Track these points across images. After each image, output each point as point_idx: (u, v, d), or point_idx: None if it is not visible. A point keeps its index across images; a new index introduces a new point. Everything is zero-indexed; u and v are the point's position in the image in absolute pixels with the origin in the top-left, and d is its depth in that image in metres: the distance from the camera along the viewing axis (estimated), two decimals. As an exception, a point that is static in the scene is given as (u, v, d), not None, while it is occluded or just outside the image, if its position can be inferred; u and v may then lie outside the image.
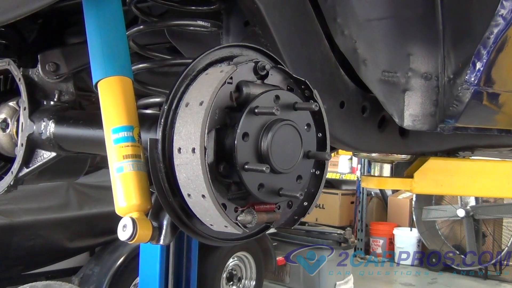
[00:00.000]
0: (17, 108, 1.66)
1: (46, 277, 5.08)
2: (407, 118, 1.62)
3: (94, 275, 4.64)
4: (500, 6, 1.44)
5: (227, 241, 1.13)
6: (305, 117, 1.09)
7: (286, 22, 1.34)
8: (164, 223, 1.10)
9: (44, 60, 1.64)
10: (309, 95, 1.11)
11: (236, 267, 5.59)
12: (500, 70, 1.58)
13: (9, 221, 4.61)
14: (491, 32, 1.47)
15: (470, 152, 2.66)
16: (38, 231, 4.79)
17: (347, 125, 1.61)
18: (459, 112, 1.56)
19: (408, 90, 1.60)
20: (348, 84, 1.59)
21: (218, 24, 1.45)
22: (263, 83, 1.06)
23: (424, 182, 2.36)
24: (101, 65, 1.21)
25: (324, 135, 1.14)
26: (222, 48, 1.08)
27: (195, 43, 1.67)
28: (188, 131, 0.95)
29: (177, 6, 1.47)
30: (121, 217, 1.08)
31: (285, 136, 1.01)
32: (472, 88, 1.52)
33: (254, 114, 0.98)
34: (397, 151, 2.25)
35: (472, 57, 1.50)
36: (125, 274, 4.63)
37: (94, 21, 1.24)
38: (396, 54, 1.58)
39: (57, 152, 1.57)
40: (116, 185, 1.10)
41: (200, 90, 0.98)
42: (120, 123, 1.14)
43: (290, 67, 1.33)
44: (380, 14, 1.51)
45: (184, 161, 0.95)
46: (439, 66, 1.56)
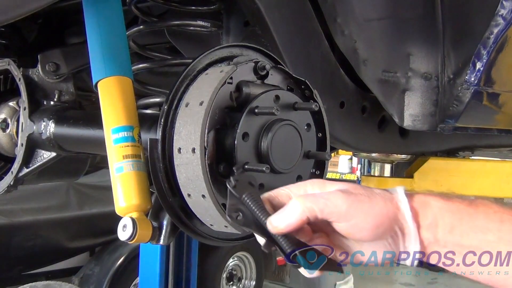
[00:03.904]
0: (17, 108, 1.66)
1: (46, 277, 5.09)
2: (407, 118, 1.62)
3: (94, 275, 4.64)
4: (500, 6, 1.44)
5: (227, 241, 1.13)
6: (305, 117, 1.09)
7: (286, 22, 1.34)
8: (164, 223, 1.10)
9: (44, 60, 1.64)
10: (309, 95, 1.11)
11: (236, 267, 5.59)
12: (500, 70, 1.58)
13: (9, 221, 4.62)
14: (491, 32, 1.47)
15: (470, 152, 2.67)
16: (38, 231, 4.79)
17: (347, 125, 1.61)
18: (459, 112, 1.56)
19: (408, 90, 1.60)
20: (348, 84, 1.59)
21: (218, 24, 1.45)
22: (263, 83, 1.06)
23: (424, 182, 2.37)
24: (101, 65, 1.21)
25: (324, 135, 1.14)
26: (222, 48, 1.08)
27: (195, 43, 1.67)
28: (188, 131, 0.95)
29: (177, 6, 1.47)
30: (121, 217, 1.08)
31: (285, 136, 1.01)
32: (472, 88, 1.52)
33: (254, 114, 0.98)
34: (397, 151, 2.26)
35: (472, 57, 1.50)
36: (125, 274, 4.63)
37: (94, 21, 1.24)
38: (396, 54, 1.58)
39: (57, 152, 1.57)
40: (116, 185, 1.10)
41: (200, 90, 0.98)
42: (120, 123, 1.14)
43: (290, 67, 1.33)
44: (380, 14, 1.51)
45: (184, 161, 0.95)
46: (439, 66, 1.56)
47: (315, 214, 0.75)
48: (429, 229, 0.78)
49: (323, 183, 0.81)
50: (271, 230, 0.77)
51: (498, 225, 0.76)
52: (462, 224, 0.77)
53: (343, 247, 0.83)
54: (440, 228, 0.77)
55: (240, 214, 0.81)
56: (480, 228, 0.77)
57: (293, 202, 0.77)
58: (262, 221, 0.78)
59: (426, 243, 0.78)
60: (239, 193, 0.82)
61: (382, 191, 0.80)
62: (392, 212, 0.77)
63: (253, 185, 0.86)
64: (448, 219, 0.77)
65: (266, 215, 0.79)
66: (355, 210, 0.75)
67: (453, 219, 0.78)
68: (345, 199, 0.76)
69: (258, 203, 0.80)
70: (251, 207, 0.80)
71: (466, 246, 0.77)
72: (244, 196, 0.82)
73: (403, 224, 0.78)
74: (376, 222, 0.76)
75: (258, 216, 0.79)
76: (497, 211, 0.78)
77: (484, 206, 0.79)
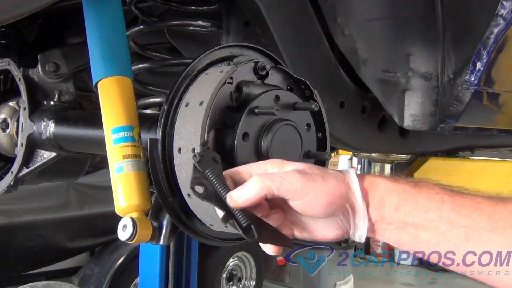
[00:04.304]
0: (17, 108, 1.66)
1: (46, 277, 5.09)
2: (407, 118, 1.62)
3: (94, 275, 4.64)
4: (500, 6, 1.44)
5: (227, 241, 1.13)
6: (305, 117, 1.09)
7: (286, 22, 1.34)
8: (164, 223, 1.10)
9: (44, 60, 1.64)
10: (309, 95, 1.11)
11: (236, 267, 5.59)
12: (500, 70, 1.58)
13: (9, 221, 4.62)
14: (491, 32, 1.47)
15: (470, 152, 2.67)
16: (38, 231, 4.79)
17: (347, 125, 1.61)
18: (459, 112, 1.56)
19: (408, 90, 1.60)
20: (348, 84, 1.59)
21: (218, 24, 1.45)
22: (263, 83, 1.06)
23: (424, 182, 2.36)
24: (101, 65, 1.21)
25: (324, 135, 1.14)
26: (222, 48, 1.08)
27: (195, 43, 1.67)
28: (188, 131, 0.95)
29: (177, 6, 1.47)
30: (121, 217, 1.08)
31: (285, 136, 1.01)
32: (472, 88, 1.52)
33: (254, 114, 0.98)
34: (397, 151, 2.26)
35: (472, 57, 1.50)
36: (125, 274, 4.63)
37: (94, 21, 1.24)
38: (396, 54, 1.58)
39: (57, 152, 1.57)
40: (116, 185, 1.10)
41: (200, 90, 0.98)
42: (120, 123, 1.14)
43: (290, 67, 1.33)
44: (380, 14, 1.51)
45: (184, 161, 0.95)
46: (439, 66, 1.56)
47: (272, 192, 0.81)
48: (377, 207, 0.84)
49: (282, 163, 0.87)
50: (230, 204, 0.82)
51: (438, 204, 0.82)
52: (406, 203, 0.84)
53: (298, 223, 0.89)
54: (386, 207, 0.84)
55: (202, 188, 0.84)
56: (422, 207, 0.83)
57: (252, 180, 0.82)
58: (223, 196, 0.83)
59: (373, 220, 0.85)
60: (203, 168, 0.86)
61: (336, 172, 0.86)
62: (344, 191, 0.83)
63: (217, 161, 0.89)
64: (394, 199, 0.84)
65: (226, 190, 0.83)
66: (309, 188, 0.81)
67: (398, 198, 0.84)
68: (300, 178, 0.81)
69: (220, 179, 0.85)
70: (213, 182, 0.84)
71: (409, 224, 0.83)
72: (207, 171, 0.85)
73: (354, 202, 0.84)
74: (328, 200, 0.82)
75: (219, 191, 0.84)
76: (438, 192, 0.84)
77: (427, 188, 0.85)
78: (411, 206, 0.83)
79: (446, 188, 0.86)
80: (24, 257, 4.78)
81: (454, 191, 0.85)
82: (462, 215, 0.81)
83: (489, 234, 0.79)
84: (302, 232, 0.90)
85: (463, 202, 0.82)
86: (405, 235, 0.84)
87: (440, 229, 0.82)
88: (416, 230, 0.84)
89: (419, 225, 0.83)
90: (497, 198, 0.84)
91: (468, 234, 0.80)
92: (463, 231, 0.81)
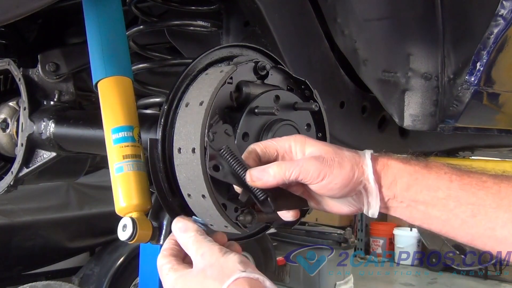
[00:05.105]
0: (17, 108, 1.66)
1: (46, 277, 5.09)
2: (407, 118, 1.62)
3: (94, 275, 4.64)
4: (500, 6, 1.44)
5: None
6: (305, 117, 1.09)
7: (286, 22, 1.34)
8: (164, 223, 1.10)
9: (44, 60, 1.64)
10: (309, 95, 1.11)
11: (236, 267, 5.58)
12: (500, 70, 1.58)
13: (9, 221, 4.62)
14: (491, 32, 1.47)
15: (470, 152, 2.66)
16: (38, 231, 4.79)
17: (347, 125, 1.61)
18: (459, 112, 1.56)
19: (408, 90, 1.60)
20: (348, 84, 1.59)
21: (218, 24, 1.45)
22: (263, 83, 1.06)
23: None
24: (101, 65, 1.21)
25: (324, 135, 1.14)
26: (222, 48, 1.08)
27: (195, 43, 1.67)
28: (188, 131, 0.95)
29: (177, 6, 1.47)
30: (121, 217, 1.08)
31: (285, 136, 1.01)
32: (472, 88, 1.52)
33: (254, 114, 0.98)
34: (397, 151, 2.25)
35: (472, 57, 1.50)
36: (125, 274, 4.63)
37: (94, 21, 1.24)
38: (396, 54, 1.58)
39: (57, 152, 1.57)
40: (116, 185, 1.10)
41: (200, 90, 0.98)
42: (120, 123, 1.14)
43: (290, 67, 1.33)
44: (380, 14, 1.51)
45: (184, 161, 0.95)
46: (439, 66, 1.56)
47: (290, 178, 0.89)
48: (390, 187, 0.91)
49: (304, 141, 0.94)
50: (249, 182, 0.89)
51: (447, 184, 0.89)
52: (417, 183, 0.90)
53: (315, 197, 0.98)
54: (398, 186, 0.91)
55: (219, 168, 0.90)
56: (432, 186, 0.89)
57: (272, 167, 0.89)
58: (241, 174, 0.88)
59: (386, 199, 0.92)
60: (216, 146, 0.89)
61: (352, 154, 0.93)
62: (358, 175, 0.90)
63: (229, 134, 0.92)
64: (405, 179, 0.91)
65: (243, 168, 0.89)
66: (324, 174, 0.88)
67: (409, 179, 0.91)
68: (318, 165, 0.88)
69: (235, 156, 0.89)
70: (229, 161, 0.89)
71: (420, 202, 0.90)
72: (222, 151, 0.89)
73: (367, 184, 0.91)
74: (343, 183, 0.89)
75: (236, 169, 0.89)
76: (447, 172, 0.90)
77: (437, 168, 0.91)
78: (422, 186, 0.90)
79: (455, 167, 0.91)
80: (24, 257, 4.78)
81: (462, 170, 0.91)
82: (469, 193, 0.87)
83: (494, 211, 0.85)
84: (318, 204, 0.98)
85: (470, 181, 0.88)
86: (416, 212, 0.91)
87: (449, 207, 0.88)
88: (426, 208, 0.90)
89: (429, 203, 0.89)
90: (502, 176, 0.89)
91: (475, 210, 0.86)
92: (470, 208, 0.87)
